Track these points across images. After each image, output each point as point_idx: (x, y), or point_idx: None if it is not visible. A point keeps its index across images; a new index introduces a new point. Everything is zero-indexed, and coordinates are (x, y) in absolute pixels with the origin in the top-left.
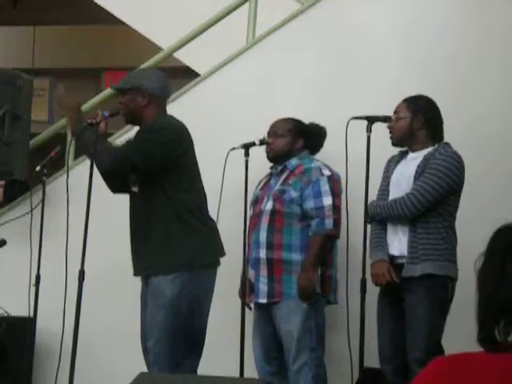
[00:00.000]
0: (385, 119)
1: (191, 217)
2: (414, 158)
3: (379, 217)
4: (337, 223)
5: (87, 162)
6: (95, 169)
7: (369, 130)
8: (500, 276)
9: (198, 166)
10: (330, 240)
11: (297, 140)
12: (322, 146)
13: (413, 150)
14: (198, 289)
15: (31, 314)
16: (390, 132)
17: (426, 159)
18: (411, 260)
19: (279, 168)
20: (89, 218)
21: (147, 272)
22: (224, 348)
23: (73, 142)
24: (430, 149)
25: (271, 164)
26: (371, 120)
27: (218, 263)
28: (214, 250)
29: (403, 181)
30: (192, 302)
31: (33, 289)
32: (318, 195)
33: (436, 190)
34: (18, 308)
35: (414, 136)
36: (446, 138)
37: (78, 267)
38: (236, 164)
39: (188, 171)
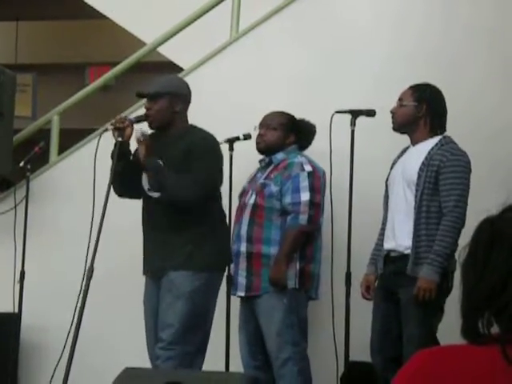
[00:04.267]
0: (368, 113)
1: (220, 219)
2: (416, 153)
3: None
4: (312, 219)
5: (71, 158)
6: (82, 164)
7: (353, 123)
8: (484, 268)
9: None
10: (303, 235)
11: (288, 135)
12: (310, 143)
13: (413, 140)
14: (212, 290)
15: (16, 311)
16: (392, 117)
17: (430, 155)
18: (416, 260)
19: (266, 161)
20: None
21: (165, 269)
22: (210, 342)
23: (55, 136)
24: (430, 142)
25: (256, 158)
26: (355, 114)
27: (225, 269)
28: (227, 255)
29: (401, 175)
30: (207, 298)
31: (17, 285)
32: (296, 190)
33: (464, 194)
34: (3, 304)
35: (416, 124)
36: None
37: (62, 264)
38: None
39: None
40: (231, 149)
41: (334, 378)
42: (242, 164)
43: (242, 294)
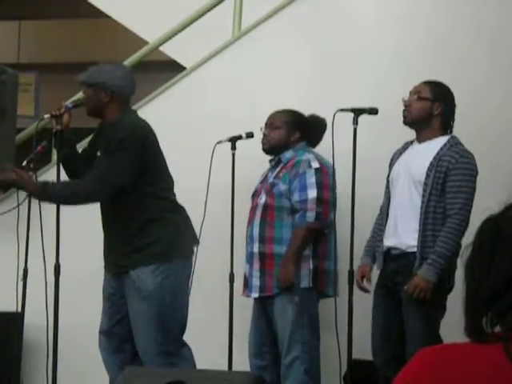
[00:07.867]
0: (371, 111)
1: (164, 208)
2: (423, 151)
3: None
4: (320, 216)
5: None
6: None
7: (355, 122)
8: (488, 267)
9: (163, 156)
10: (311, 233)
11: (293, 132)
12: (321, 138)
13: (420, 137)
14: (178, 278)
15: (19, 309)
16: (405, 110)
17: (438, 156)
18: (423, 260)
19: (276, 160)
20: (60, 213)
21: (125, 268)
22: (213, 341)
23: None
24: (439, 142)
25: (259, 157)
26: (357, 112)
27: (193, 252)
28: (189, 238)
29: (406, 172)
30: (175, 291)
31: (20, 283)
32: (304, 188)
33: (470, 197)
34: (6, 303)
35: (429, 121)
36: None
37: (65, 262)
38: (223, 157)
39: (156, 166)
40: (234, 148)
41: (337, 377)
42: (245, 163)
43: (257, 295)
